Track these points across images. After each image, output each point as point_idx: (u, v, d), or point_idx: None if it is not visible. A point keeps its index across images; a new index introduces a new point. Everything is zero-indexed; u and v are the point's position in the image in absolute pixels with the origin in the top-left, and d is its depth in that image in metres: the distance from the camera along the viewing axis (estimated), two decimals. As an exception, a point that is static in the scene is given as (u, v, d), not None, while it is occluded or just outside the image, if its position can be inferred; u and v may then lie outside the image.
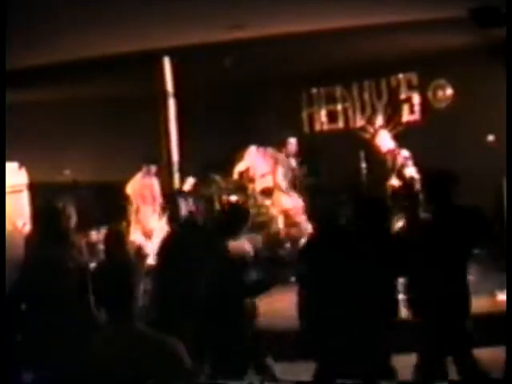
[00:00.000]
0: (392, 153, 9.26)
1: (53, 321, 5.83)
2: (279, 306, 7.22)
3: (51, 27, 7.82)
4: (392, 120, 11.17)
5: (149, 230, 10.01)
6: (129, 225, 10.04)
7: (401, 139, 10.25)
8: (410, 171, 8.90)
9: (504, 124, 6.73)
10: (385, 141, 9.41)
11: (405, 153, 9.14)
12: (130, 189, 10.45)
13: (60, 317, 5.57)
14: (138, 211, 10.32)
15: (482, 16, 7.53)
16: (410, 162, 9.03)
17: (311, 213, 9.27)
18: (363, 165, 9.19)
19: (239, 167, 10.54)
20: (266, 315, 6.23)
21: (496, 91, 8.92)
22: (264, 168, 10.43)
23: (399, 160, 9.09)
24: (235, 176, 10.50)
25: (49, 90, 11.10)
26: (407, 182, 8.84)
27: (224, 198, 10.14)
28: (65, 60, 9.30)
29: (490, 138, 10.12)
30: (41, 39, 8.22)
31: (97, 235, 9.34)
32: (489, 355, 6.42)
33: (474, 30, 7.93)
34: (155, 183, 10.44)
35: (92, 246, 8.88)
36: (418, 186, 8.80)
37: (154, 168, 10.41)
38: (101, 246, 8.80)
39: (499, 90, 7.55)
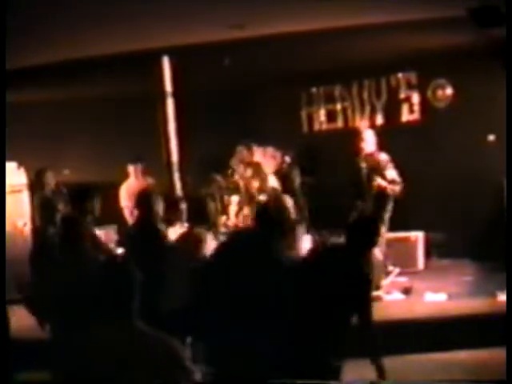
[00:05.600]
0: (371, 155, 9.09)
1: (51, 319, 5.83)
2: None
3: (50, 27, 7.83)
4: (391, 119, 11.18)
5: None
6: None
7: (400, 139, 10.26)
8: (391, 174, 8.86)
9: (504, 124, 6.75)
10: (369, 143, 9.19)
11: (383, 156, 9.00)
12: (124, 191, 10.36)
13: (58, 315, 5.57)
14: (132, 214, 10.22)
15: (481, 16, 7.52)
16: (390, 165, 8.93)
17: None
18: (363, 165, 9.14)
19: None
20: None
21: (496, 91, 8.93)
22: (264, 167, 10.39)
23: (380, 162, 8.95)
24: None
25: (49, 90, 11.10)
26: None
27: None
28: (64, 60, 9.30)
29: (490, 137, 10.15)
30: (41, 39, 8.22)
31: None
32: (489, 355, 6.45)
33: (474, 29, 7.92)
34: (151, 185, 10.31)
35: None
36: (397, 187, 8.82)
37: (139, 166, 10.30)
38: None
39: (499, 90, 7.56)
